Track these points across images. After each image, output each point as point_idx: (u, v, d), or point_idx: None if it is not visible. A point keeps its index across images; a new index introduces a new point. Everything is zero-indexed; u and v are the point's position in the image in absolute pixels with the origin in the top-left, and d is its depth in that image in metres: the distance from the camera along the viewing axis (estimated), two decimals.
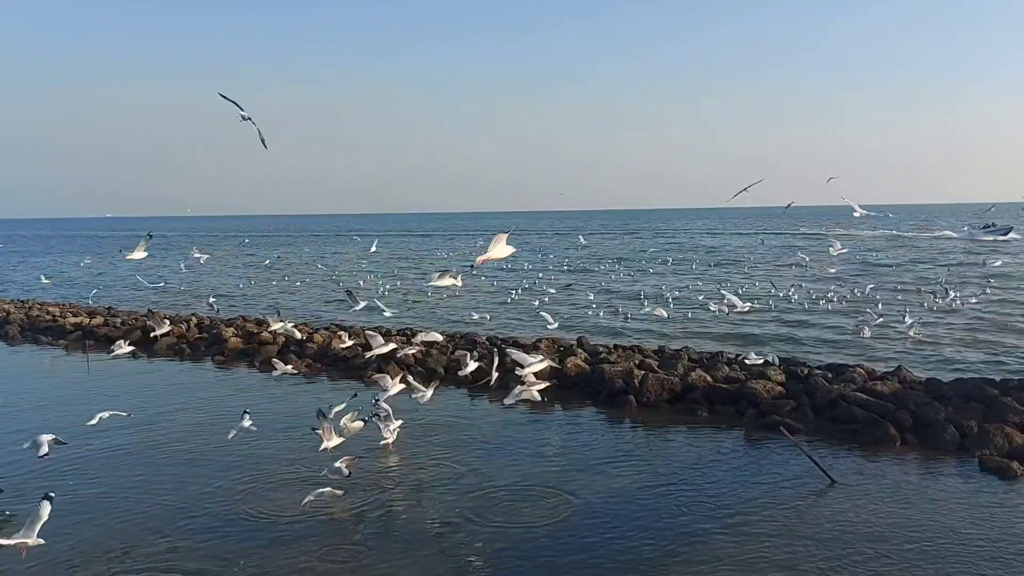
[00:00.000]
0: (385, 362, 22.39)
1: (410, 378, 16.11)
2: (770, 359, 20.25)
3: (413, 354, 22.68)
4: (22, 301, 38.22)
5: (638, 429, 16.86)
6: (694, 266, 58.90)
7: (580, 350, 22.56)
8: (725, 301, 22.44)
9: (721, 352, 22.81)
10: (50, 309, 34.34)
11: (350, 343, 22.38)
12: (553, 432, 16.64)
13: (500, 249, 12.10)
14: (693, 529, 11.42)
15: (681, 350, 22.90)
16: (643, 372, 19.26)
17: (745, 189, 17.86)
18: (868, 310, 30.35)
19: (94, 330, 29.52)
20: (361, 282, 48.09)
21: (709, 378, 19.00)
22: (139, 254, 11.72)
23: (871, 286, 38.13)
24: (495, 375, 17.56)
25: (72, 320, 30.93)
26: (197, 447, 15.43)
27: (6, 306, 35.56)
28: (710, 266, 59.51)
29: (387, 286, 44.61)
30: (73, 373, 23.79)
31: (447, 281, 17.40)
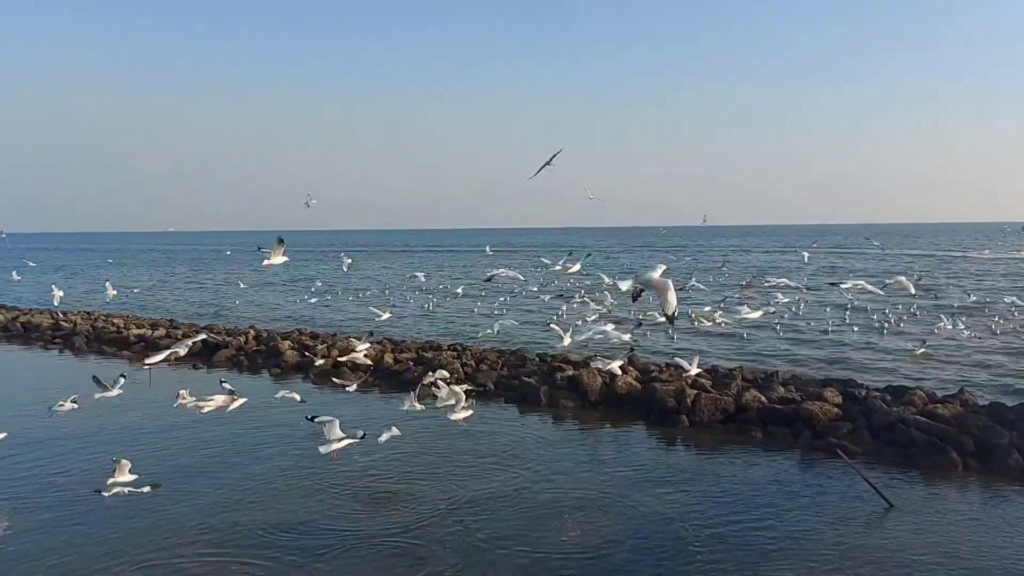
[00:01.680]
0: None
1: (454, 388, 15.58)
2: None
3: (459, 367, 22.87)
4: (88, 313, 39.53)
5: (690, 449, 16.72)
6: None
7: (631, 368, 22.48)
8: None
9: (776, 372, 22.51)
10: (115, 321, 35.46)
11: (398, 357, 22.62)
12: (599, 449, 16.60)
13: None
14: (747, 552, 11.28)
15: (735, 370, 22.65)
16: (695, 391, 19.11)
17: (549, 162, 16.80)
18: (935, 330, 29.71)
19: (156, 342, 30.39)
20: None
21: (763, 398, 18.75)
22: (278, 259, 12.10)
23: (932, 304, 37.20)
24: (543, 390, 17.61)
25: (135, 332, 31.92)
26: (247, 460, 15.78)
27: (73, 317, 36.85)
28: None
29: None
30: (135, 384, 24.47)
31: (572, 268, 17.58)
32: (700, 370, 18.53)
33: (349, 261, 39.86)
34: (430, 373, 17.45)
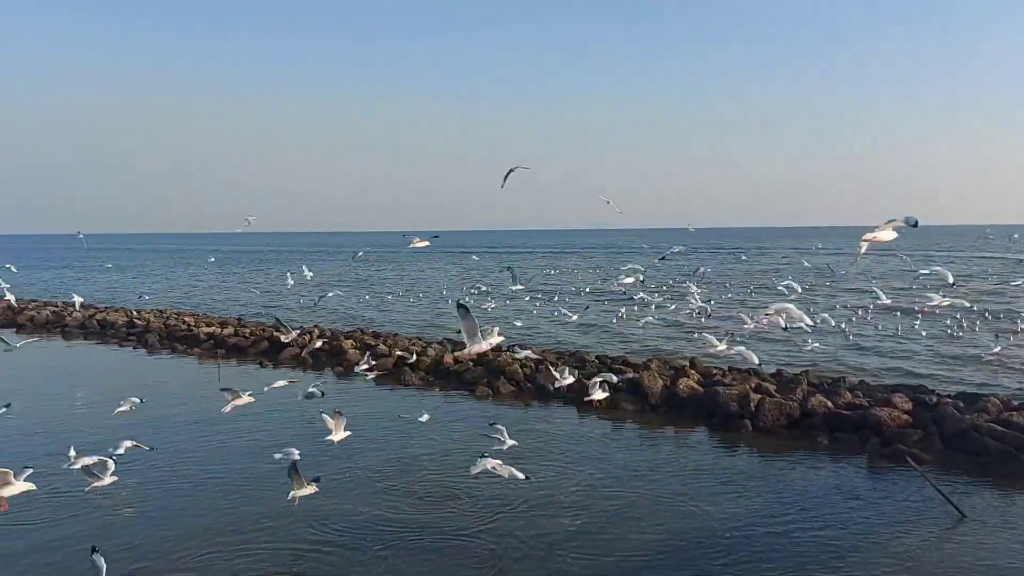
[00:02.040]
0: (495, 376, 22.83)
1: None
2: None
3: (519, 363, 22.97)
4: (160, 311, 40.89)
5: (754, 454, 16.51)
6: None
7: (693, 371, 22.27)
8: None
9: (843, 377, 22.06)
10: (186, 319, 36.61)
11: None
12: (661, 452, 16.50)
13: None
14: (812, 560, 11.11)
15: (800, 374, 22.26)
16: (759, 396, 18.84)
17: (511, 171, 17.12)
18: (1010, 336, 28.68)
19: (225, 340, 31.30)
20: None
21: (830, 404, 18.38)
22: (421, 243, 13.93)
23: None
24: (605, 394, 17.58)
25: (205, 330, 32.91)
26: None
27: (147, 315, 38.18)
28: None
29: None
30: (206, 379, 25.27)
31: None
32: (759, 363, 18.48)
33: (310, 274, 40.02)
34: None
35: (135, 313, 38.90)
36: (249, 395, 14.00)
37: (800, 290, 19.65)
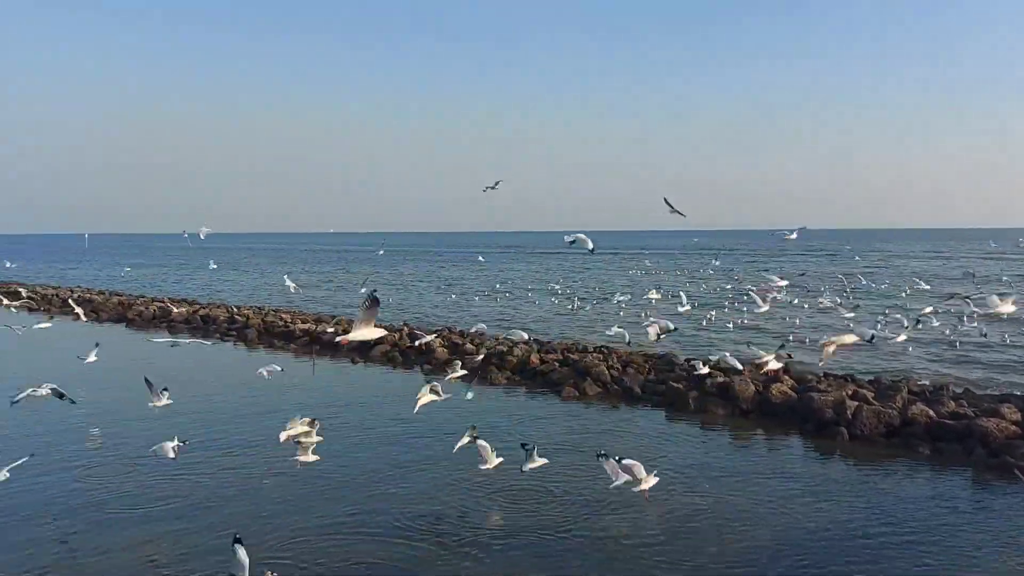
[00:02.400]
0: (582, 377, 22.79)
1: None
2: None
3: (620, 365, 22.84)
4: (259, 308, 42.49)
5: (850, 463, 15.96)
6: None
7: (786, 376, 21.68)
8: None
9: (946, 385, 21.09)
10: (283, 316, 37.93)
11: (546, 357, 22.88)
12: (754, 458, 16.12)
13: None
14: (907, 571, 10.69)
15: (900, 381, 21.40)
16: (856, 403, 18.20)
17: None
18: None
19: (320, 335, 32.27)
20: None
21: (932, 413, 17.60)
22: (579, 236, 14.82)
23: None
24: (692, 395, 17.36)
25: (301, 326, 34.03)
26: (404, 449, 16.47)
27: (246, 311, 39.73)
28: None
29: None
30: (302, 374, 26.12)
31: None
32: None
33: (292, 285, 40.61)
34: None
35: (235, 309, 40.54)
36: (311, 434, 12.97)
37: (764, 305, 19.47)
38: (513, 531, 12.09)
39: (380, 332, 9.97)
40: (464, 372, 17.56)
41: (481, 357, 23.93)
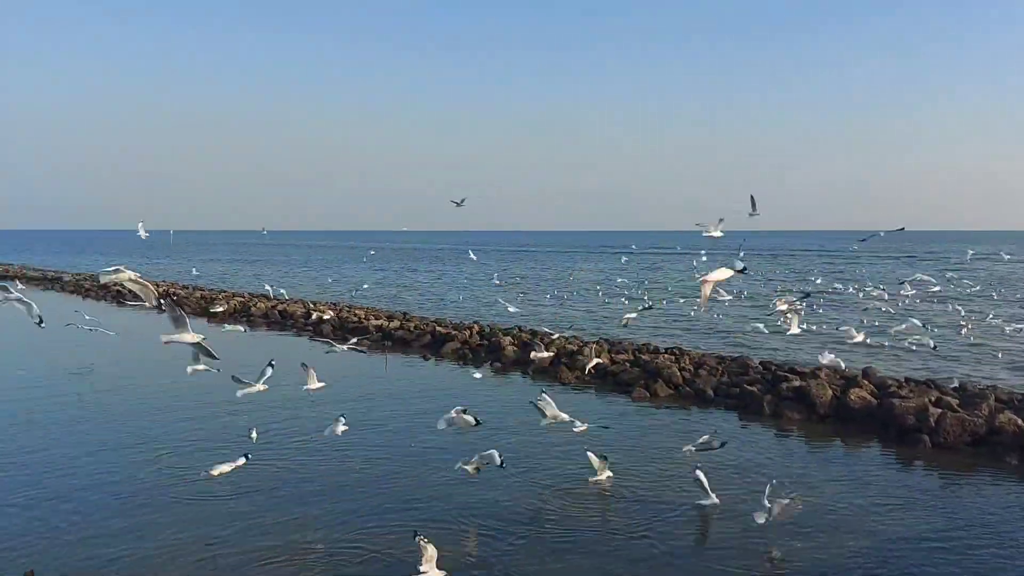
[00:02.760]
0: (653, 378, 22.60)
1: None
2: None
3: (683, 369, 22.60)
4: (334, 304, 43.47)
5: (932, 472, 15.44)
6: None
7: (866, 381, 21.07)
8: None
9: None
10: (357, 312, 38.73)
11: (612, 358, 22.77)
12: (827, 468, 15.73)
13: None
14: None
15: (987, 388, 20.56)
16: (940, 410, 17.58)
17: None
18: None
19: (392, 333, 32.86)
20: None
21: (1021, 422, 16.86)
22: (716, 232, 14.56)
23: None
24: (767, 399, 17.02)
25: (375, 323, 34.69)
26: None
27: (322, 307, 40.70)
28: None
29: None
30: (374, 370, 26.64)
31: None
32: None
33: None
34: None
35: (312, 305, 41.55)
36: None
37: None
38: (571, 529, 12.10)
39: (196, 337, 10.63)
40: (550, 355, 17.83)
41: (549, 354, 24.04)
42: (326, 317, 34.68)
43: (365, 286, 60.11)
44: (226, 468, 12.81)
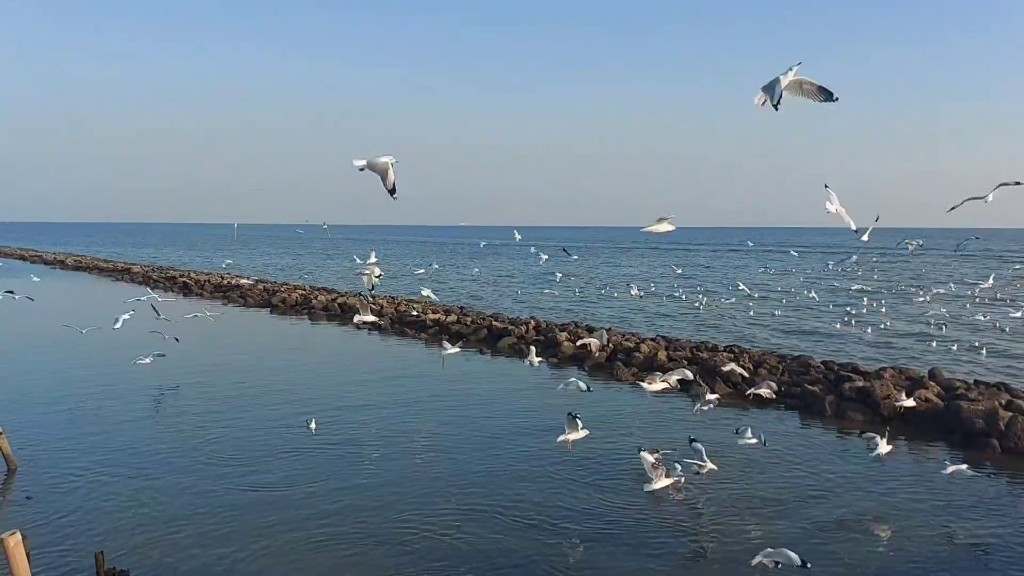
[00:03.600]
0: (711, 377, 22.35)
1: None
2: None
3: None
4: (392, 298, 44.04)
5: (1001, 477, 15.00)
6: None
7: (932, 383, 20.51)
8: None
9: None
10: (415, 306, 39.18)
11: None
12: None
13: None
14: None
15: None
16: (1010, 414, 17.03)
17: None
18: None
19: (449, 327, 33.16)
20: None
21: None
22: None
23: None
24: (829, 400, 16.67)
25: (432, 317, 35.06)
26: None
27: (381, 301, 41.29)
28: None
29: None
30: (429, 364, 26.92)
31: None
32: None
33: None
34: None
35: (372, 299, 42.16)
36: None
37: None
38: (618, 526, 12.12)
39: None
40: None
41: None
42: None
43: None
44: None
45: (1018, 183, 13.26)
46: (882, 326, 34.29)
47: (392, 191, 8.40)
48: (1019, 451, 16.18)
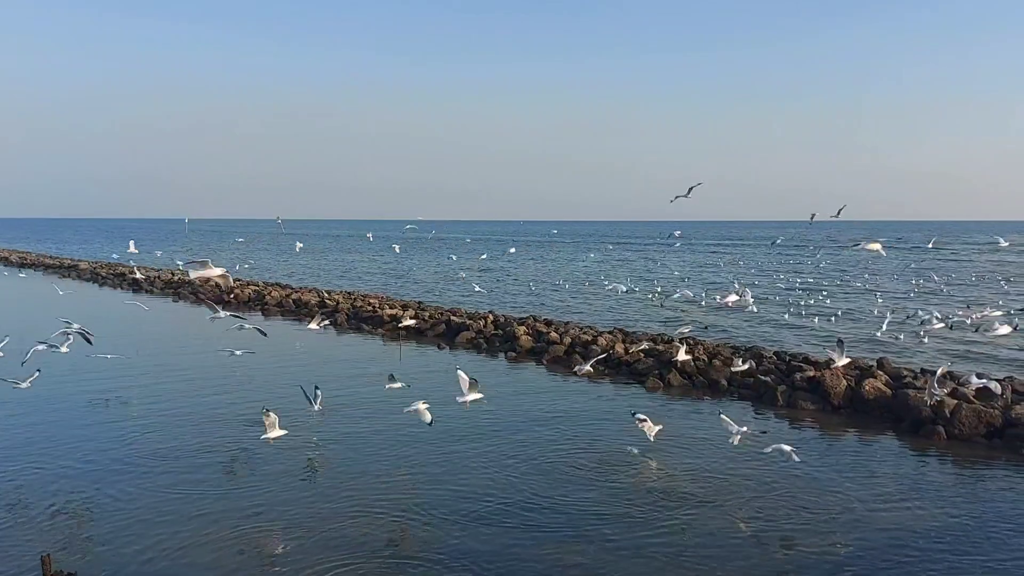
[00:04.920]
0: (667, 368, 22.62)
1: None
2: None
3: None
4: (349, 293, 43.64)
5: (947, 464, 15.42)
6: None
7: (881, 372, 21.01)
8: None
9: None
10: (371, 301, 38.88)
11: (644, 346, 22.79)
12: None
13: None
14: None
15: (1004, 380, 20.46)
16: (956, 401, 17.52)
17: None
18: None
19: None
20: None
21: None
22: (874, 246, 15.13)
23: None
24: (781, 389, 16.97)
25: (388, 312, 34.81)
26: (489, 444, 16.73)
27: (336, 296, 40.89)
28: None
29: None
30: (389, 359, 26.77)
31: None
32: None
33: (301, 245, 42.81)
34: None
35: (326, 294, 41.75)
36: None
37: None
38: (593, 522, 12.19)
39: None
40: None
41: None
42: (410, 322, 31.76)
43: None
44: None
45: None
46: (831, 319, 34.99)
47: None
48: (964, 437, 16.65)
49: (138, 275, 46.13)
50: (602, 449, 15.77)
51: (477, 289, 42.23)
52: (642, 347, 24.36)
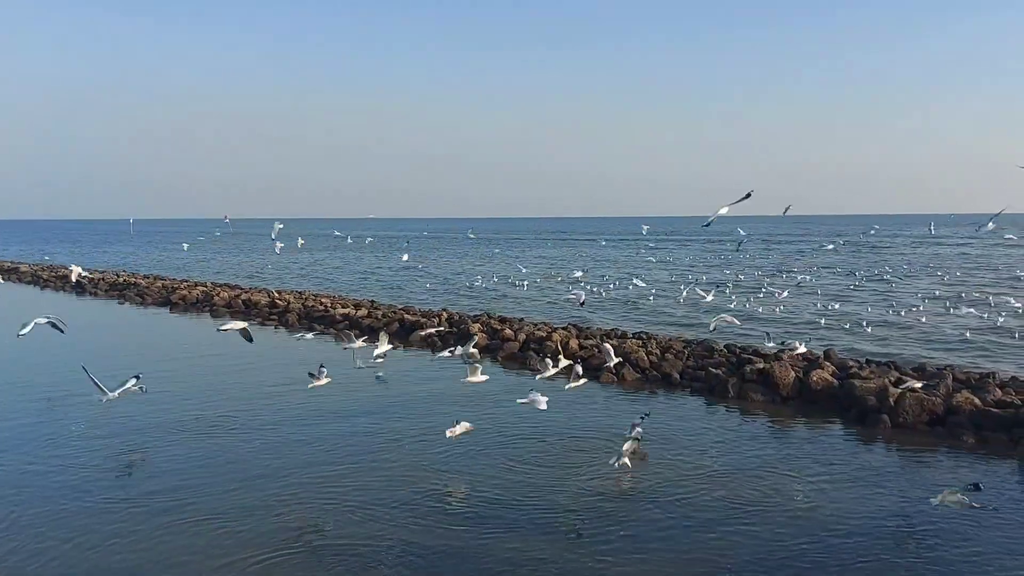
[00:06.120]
0: (620, 362, 22.79)
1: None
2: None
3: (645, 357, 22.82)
4: (300, 292, 43.08)
5: (892, 452, 15.83)
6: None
7: (827, 363, 21.48)
8: None
9: (993, 374, 20.73)
10: (322, 300, 38.43)
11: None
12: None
13: None
14: (950, 561, 10.64)
15: (944, 369, 21.10)
16: (899, 390, 17.99)
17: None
18: None
19: (359, 321, 32.64)
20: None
21: (978, 401, 17.34)
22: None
23: None
24: (731, 382, 17.23)
25: (341, 311, 34.44)
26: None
27: (287, 296, 40.32)
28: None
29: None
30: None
31: None
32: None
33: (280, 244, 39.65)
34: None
35: (277, 294, 41.15)
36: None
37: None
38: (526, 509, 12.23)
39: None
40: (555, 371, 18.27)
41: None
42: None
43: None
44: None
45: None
46: (777, 310, 35.69)
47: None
48: (907, 425, 17.10)
49: (73, 277, 42.58)
50: (550, 442, 15.83)
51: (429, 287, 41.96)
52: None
